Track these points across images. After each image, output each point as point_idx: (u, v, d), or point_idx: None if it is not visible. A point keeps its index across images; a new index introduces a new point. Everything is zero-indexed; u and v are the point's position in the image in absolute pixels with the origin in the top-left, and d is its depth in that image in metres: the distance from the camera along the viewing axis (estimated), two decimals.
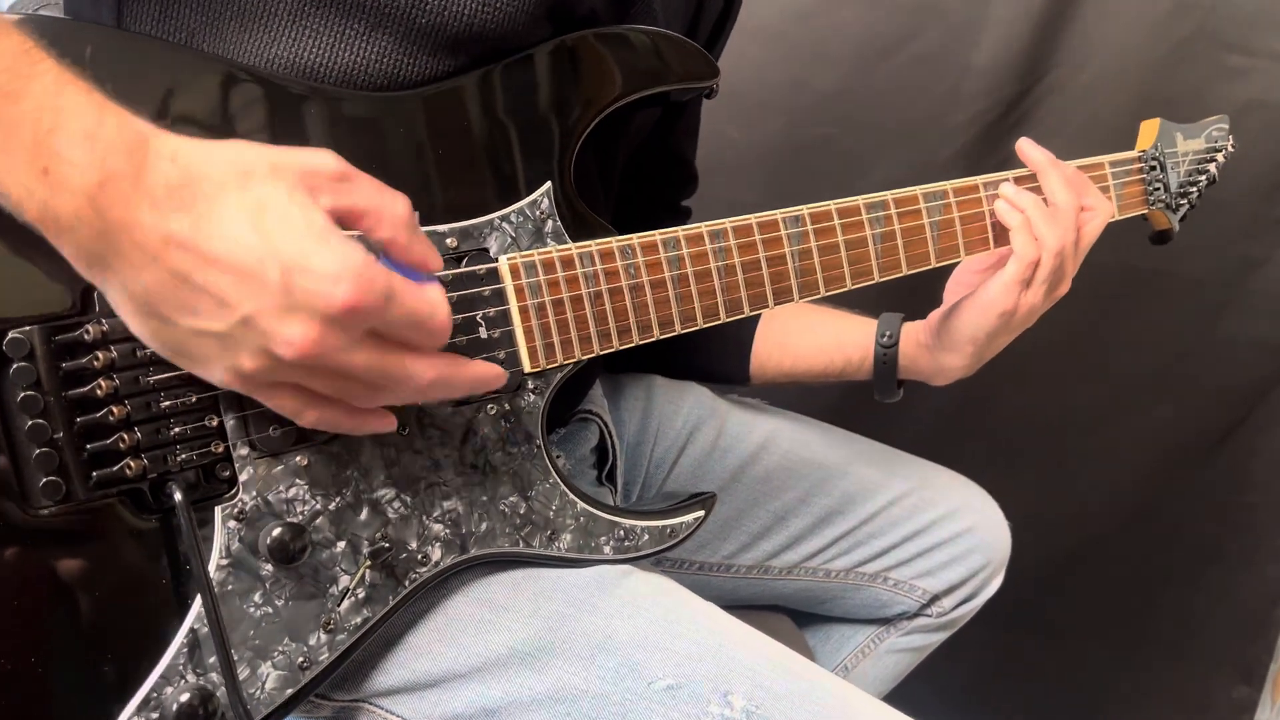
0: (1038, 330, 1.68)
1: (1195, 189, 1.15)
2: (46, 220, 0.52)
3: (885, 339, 1.07)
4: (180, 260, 0.53)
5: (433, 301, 0.59)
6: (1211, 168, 1.15)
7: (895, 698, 1.24)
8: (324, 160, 0.58)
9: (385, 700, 0.74)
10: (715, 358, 1.14)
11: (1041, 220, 0.94)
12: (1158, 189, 1.11)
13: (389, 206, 0.59)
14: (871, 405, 1.73)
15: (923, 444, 1.29)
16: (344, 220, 0.57)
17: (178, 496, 0.61)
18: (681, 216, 1.15)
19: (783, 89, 1.64)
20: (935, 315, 1.04)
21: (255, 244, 0.53)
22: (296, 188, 0.55)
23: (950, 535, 1.15)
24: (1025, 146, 0.99)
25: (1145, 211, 1.12)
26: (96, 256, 0.53)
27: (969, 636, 1.26)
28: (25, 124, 0.51)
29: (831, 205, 0.85)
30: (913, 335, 1.07)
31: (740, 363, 1.15)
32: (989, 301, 0.95)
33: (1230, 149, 1.17)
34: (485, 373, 0.65)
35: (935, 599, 1.16)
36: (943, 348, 1.03)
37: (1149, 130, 1.12)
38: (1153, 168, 1.10)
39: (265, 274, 0.53)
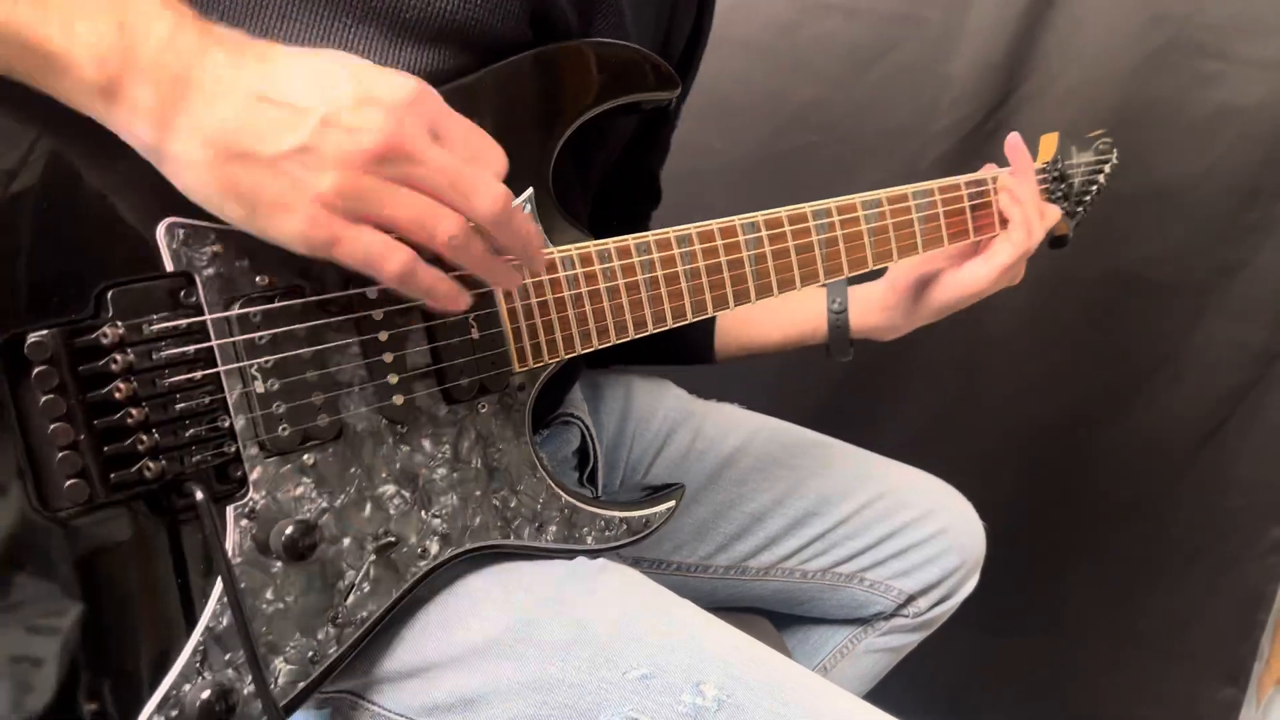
0: (1019, 334, 1.72)
1: (1089, 197, 1.22)
2: (124, 75, 0.55)
3: (836, 305, 1.13)
4: (253, 81, 0.57)
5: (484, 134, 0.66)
6: (1100, 178, 1.22)
7: (874, 698, 1.25)
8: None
9: (368, 690, 0.76)
10: (683, 341, 1.16)
11: (1035, 216, 1.02)
12: (1059, 198, 1.17)
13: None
14: (849, 409, 1.77)
15: (902, 448, 1.31)
16: None
17: (199, 495, 0.62)
18: (642, 226, 1.17)
19: (765, 99, 1.66)
20: (900, 283, 1.08)
21: (323, 59, 0.59)
22: None
23: (925, 536, 1.16)
24: (1015, 142, 1.06)
25: None
26: (172, 100, 0.56)
27: (951, 638, 1.27)
28: None
29: (783, 213, 0.90)
30: (866, 300, 1.12)
31: (705, 343, 1.19)
32: (971, 281, 1.03)
33: (1114, 161, 1.24)
34: (536, 229, 0.71)
35: (911, 599, 1.17)
36: (905, 313, 1.09)
37: (1049, 143, 1.18)
38: (1055, 178, 1.16)
39: (336, 76, 0.58)
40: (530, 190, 0.79)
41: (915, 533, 1.16)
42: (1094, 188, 1.22)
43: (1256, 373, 1.78)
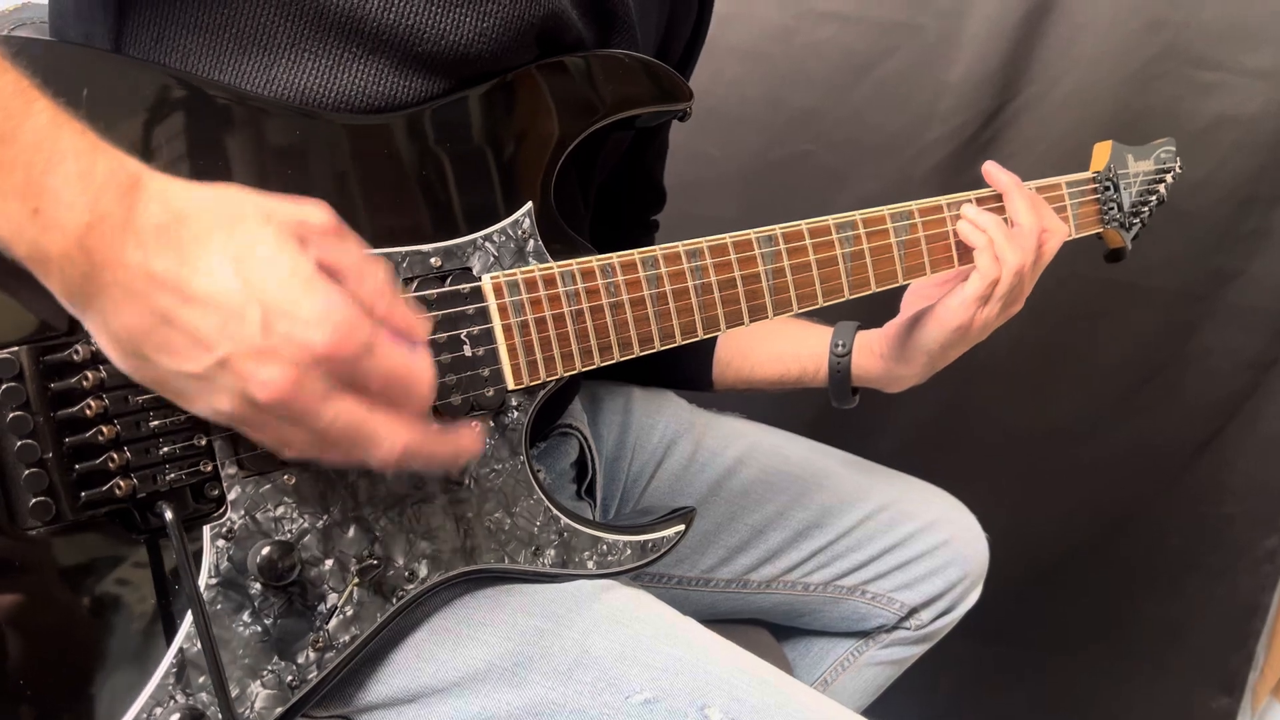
0: (1016, 343, 1.72)
1: (1146, 208, 1.18)
2: (35, 258, 0.53)
3: (839, 349, 1.10)
4: (162, 300, 0.53)
5: (414, 364, 0.59)
6: (1161, 188, 1.19)
7: (876, 711, 1.25)
8: (317, 214, 0.58)
9: (365, 716, 0.74)
10: (680, 364, 1.16)
11: (1004, 241, 0.96)
12: (1112, 209, 1.14)
13: (370, 271, 0.59)
14: (850, 419, 1.76)
15: (902, 457, 1.31)
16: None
17: (168, 515, 0.60)
18: (650, 231, 1.17)
19: (761, 106, 1.66)
20: (892, 326, 1.06)
21: (238, 286, 0.53)
22: (286, 236, 0.56)
23: (928, 548, 1.15)
24: (991, 169, 1.02)
25: (1100, 230, 1.15)
26: (81, 295, 0.54)
27: (949, 649, 1.27)
28: (18, 165, 0.52)
29: (803, 225, 0.87)
30: (867, 344, 1.10)
31: (703, 369, 1.18)
32: (947, 315, 0.98)
33: (1178, 170, 1.21)
34: (464, 443, 0.64)
35: (914, 611, 1.17)
36: (897, 358, 1.05)
37: (1102, 152, 1.15)
38: (1106, 188, 1.14)
39: (245, 315, 0.53)
40: (529, 205, 0.77)
41: (918, 545, 1.16)
42: (1153, 198, 1.19)
43: (1252, 381, 1.80)
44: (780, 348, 1.15)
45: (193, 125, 0.65)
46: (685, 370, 1.19)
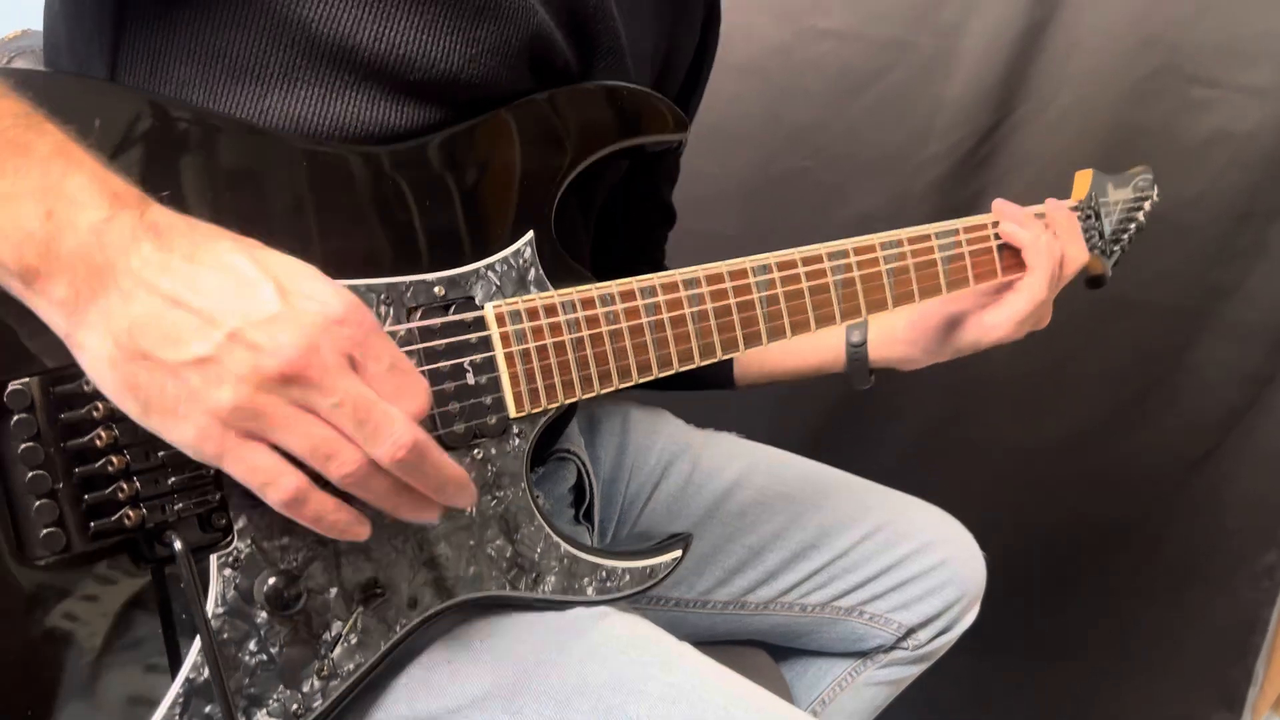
0: (1013, 357, 1.72)
1: (1126, 235, 1.20)
2: (39, 265, 0.53)
3: (855, 339, 1.13)
4: (174, 284, 0.54)
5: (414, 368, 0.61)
6: (1140, 216, 1.21)
7: None
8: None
9: None
10: (702, 367, 1.16)
11: (1055, 266, 1.01)
12: (1093, 236, 1.16)
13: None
14: (846, 436, 1.77)
15: (900, 471, 1.31)
16: None
17: (178, 545, 0.60)
18: (660, 247, 1.19)
19: (759, 123, 1.67)
20: (930, 318, 1.07)
21: (252, 267, 0.55)
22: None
23: (925, 568, 1.15)
24: (1009, 229, 1.03)
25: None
26: (87, 293, 0.54)
27: (947, 661, 1.27)
28: (34, 172, 0.53)
29: (796, 254, 0.88)
30: (887, 332, 1.11)
31: (725, 368, 1.20)
32: (992, 328, 1.02)
33: (1155, 199, 1.22)
34: (457, 473, 0.63)
35: (911, 632, 1.17)
36: (925, 349, 1.08)
37: (1083, 180, 1.16)
38: (1089, 216, 1.15)
39: (259, 290, 0.55)
40: (530, 234, 0.78)
41: (915, 565, 1.16)
42: (1132, 225, 1.20)
43: (1250, 396, 1.80)
44: (797, 343, 1.16)
45: (190, 156, 0.66)
46: (708, 373, 1.18)
